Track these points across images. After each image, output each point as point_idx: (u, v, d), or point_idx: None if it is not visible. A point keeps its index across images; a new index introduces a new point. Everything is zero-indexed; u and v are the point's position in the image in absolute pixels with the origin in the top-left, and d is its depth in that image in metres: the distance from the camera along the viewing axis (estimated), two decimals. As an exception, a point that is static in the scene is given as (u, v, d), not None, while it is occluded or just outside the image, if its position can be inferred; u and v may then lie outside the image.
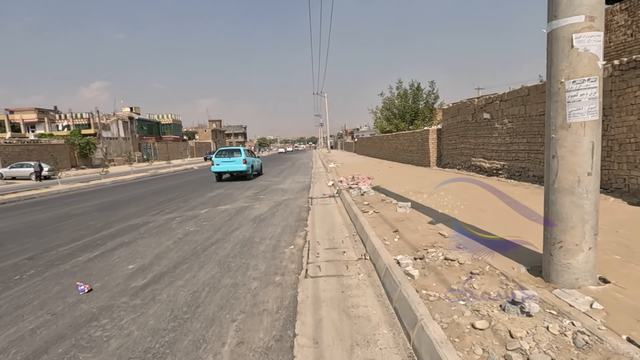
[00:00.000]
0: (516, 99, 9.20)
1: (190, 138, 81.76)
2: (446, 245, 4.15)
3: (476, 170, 11.42)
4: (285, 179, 15.88)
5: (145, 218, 7.92)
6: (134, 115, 55.10)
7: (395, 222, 5.43)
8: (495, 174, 10.21)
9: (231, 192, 11.68)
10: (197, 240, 5.79)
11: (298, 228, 6.32)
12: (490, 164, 10.54)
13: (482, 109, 10.94)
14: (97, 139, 44.61)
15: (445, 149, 14.26)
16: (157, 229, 6.79)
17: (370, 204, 7.18)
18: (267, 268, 4.30)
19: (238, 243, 5.49)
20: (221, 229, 6.48)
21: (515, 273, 3.20)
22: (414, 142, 17.37)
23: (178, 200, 10.36)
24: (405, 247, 4.20)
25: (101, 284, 4.02)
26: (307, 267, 4.27)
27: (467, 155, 12.12)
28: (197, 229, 6.57)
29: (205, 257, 4.85)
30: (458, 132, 12.84)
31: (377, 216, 6.01)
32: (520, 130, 9.11)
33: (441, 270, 3.40)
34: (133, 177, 20.27)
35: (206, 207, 8.93)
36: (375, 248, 4.20)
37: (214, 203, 9.58)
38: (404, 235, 4.68)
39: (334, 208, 8.09)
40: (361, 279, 3.77)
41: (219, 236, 5.98)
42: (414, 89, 26.08)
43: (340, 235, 5.61)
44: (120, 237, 6.25)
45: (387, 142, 23.63)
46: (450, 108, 13.57)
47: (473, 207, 6.18)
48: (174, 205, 9.48)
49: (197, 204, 9.52)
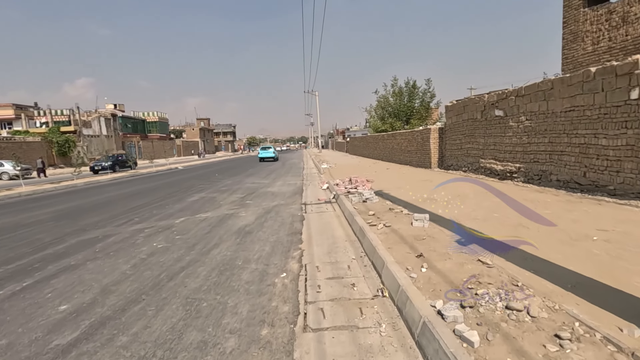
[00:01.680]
0: (536, 93, 8.20)
1: (178, 137, 79.52)
2: (496, 279, 3.03)
3: (486, 172, 10.42)
4: (275, 180, 14.68)
5: (107, 229, 6.63)
6: (117, 113, 52.95)
7: (415, 242, 4.31)
8: (510, 177, 9.21)
9: (215, 197, 10.43)
10: (164, 262, 4.57)
11: (291, 245, 5.15)
12: (502, 166, 9.54)
13: (493, 105, 9.94)
14: (77, 137, 42.46)
15: (449, 150, 13.25)
16: (118, 245, 5.53)
17: (376, 214, 6.06)
18: (250, 312, 3.12)
19: (215, 268, 4.29)
20: (197, 246, 5.26)
21: (627, 338, 2.10)
22: (412, 142, 16.35)
23: (153, 206, 9.06)
24: (440, 283, 3.08)
25: (7, 341, 2.78)
26: (305, 309, 3.11)
27: (475, 157, 11.12)
28: (167, 246, 5.34)
29: (169, 291, 3.64)
30: (464, 131, 11.84)
31: (389, 232, 4.88)
32: (540, 129, 8.12)
33: (508, 330, 2.29)
34: (110, 177, 18.74)
35: (183, 215, 7.68)
36: (400, 284, 3.06)
37: (193, 210, 8.33)
38: (433, 263, 3.55)
39: (332, 217, 6.95)
40: (384, 335, 2.63)
41: (192, 257, 4.77)
42: (410, 87, 25.13)
43: (344, 257, 4.46)
44: (68, 257, 4.98)
45: (383, 141, 22.60)
46: (454, 105, 12.57)
47: (508, 221, 5.11)
48: (146, 213, 8.19)
49: (173, 211, 8.26)
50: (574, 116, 7.08)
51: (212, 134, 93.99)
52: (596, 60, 11.69)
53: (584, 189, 6.84)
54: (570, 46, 12.79)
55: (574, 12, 12.47)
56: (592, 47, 12.02)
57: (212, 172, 20.90)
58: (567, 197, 6.46)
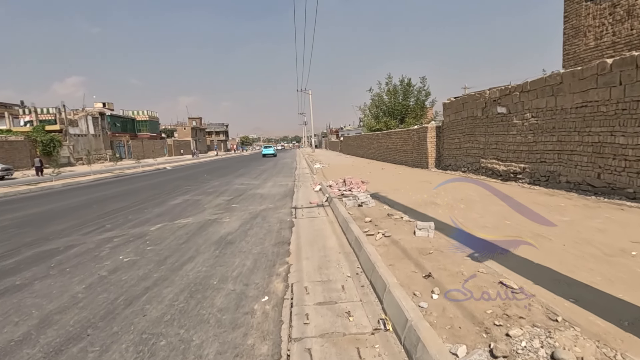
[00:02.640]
0: (543, 89, 7.65)
1: (169, 136, 78.13)
2: (529, 312, 2.41)
3: (487, 173, 9.87)
4: (266, 181, 13.98)
5: (72, 239, 5.90)
6: (105, 111, 51.64)
7: (421, 257, 3.68)
8: (513, 178, 8.66)
9: (199, 199, 9.71)
10: (126, 282, 3.88)
11: (277, 258, 4.50)
12: (505, 167, 8.99)
13: (495, 102, 9.38)
14: (64, 136, 41.17)
15: (447, 149, 12.69)
16: (79, 258, 4.81)
17: (373, 221, 5.43)
18: (219, 354, 2.46)
19: (185, 288, 3.62)
20: (169, 260, 4.58)
21: None
22: (408, 141, 15.78)
23: (130, 211, 8.32)
24: (458, 317, 2.45)
25: None
26: (289, 350, 2.46)
27: (475, 156, 10.57)
28: (135, 260, 4.64)
29: (123, 322, 2.96)
30: (463, 130, 11.28)
31: (390, 243, 4.25)
32: (548, 127, 7.57)
33: (563, 396, 1.66)
34: (92, 178, 17.83)
35: (161, 221, 6.97)
36: (407, 317, 2.43)
37: (173, 215, 7.62)
38: (446, 286, 2.92)
39: (324, 222, 6.31)
40: (392, 394, 1.99)
41: (161, 273, 4.08)
42: (405, 85, 24.60)
43: (337, 274, 3.82)
44: (14, 275, 4.25)
45: (377, 140, 22.02)
46: (453, 102, 12.01)
47: (523, 230, 4.51)
48: (120, 218, 7.45)
49: (151, 216, 7.54)
50: (586, 112, 6.54)
51: (204, 133, 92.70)
52: (599, 56, 11.21)
53: (598, 191, 6.30)
54: (572, 42, 12.31)
55: (576, 6, 11.98)
56: (594, 43, 11.54)
57: (201, 173, 20.11)
58: (583, 201, 5.90)
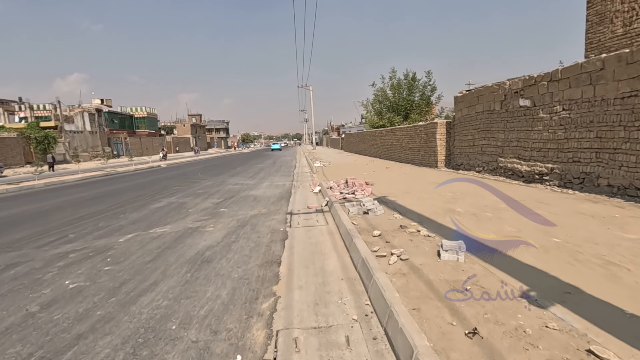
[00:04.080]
0: (578, 77, 6.60)
1: (169, 133, 77.07)
2: None
3: (506, 173, 8.84)
4: (262, 181, 12.98)
5: (20, 253, 4.92)
6: (102, 108, 50.64)
7: (456, 296, 2.67)
8: (539, 179, 7.62)
9: (185, 202, 8.72)
10: (56, 323, 2.89)
11: (262, 287, 3.50)
12: (529, 167, 7.95)
13: (516, 93, 8.33)
14: (59, 133, 40.24)
15: (458, 147, 11.64)
16: (13, 283, 3.83)
17: (384, 235, 4.42)
18: None
19: (129, 338, 2.62)
20: (124, 288, 3.59)
21: None
22: (415, 138, 14.74)
23: (104, 216, 7.34)
24: None
25: None
26: None
27: (492, 155, 9.52)
28: (82, 287, 3.65)
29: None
30: (478, 125, 10.23)
31: (408, 270, 3.24)
32: (583, 121, 6.53)
33: None
34: (80, 177, 16.85)
35: (134, 230, 5.99)
36: None
37: (150, 222, 6.63)
38: (504, 354, 1.91)
39: (323, 233, 5.31)
40: None
41: (106, 310, 3.09)
42: (409, 80, 23.50)
43: (340, 315, 2.82)
44: None
45: (381, 138, 20.96)
46: (466, 95, 10.95)
47: (581, 248, 3.50)
48: (89, 226, 6.47)
49: (125, 223, 6.55)
50: (635, 103, 5.50)
51: (204, 130, 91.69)
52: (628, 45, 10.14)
53: (651, 197, 5.28)
54: (596, 29, 11.20)
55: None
56: (622, 30, 10.45)
57: (195, 171, 19.13)
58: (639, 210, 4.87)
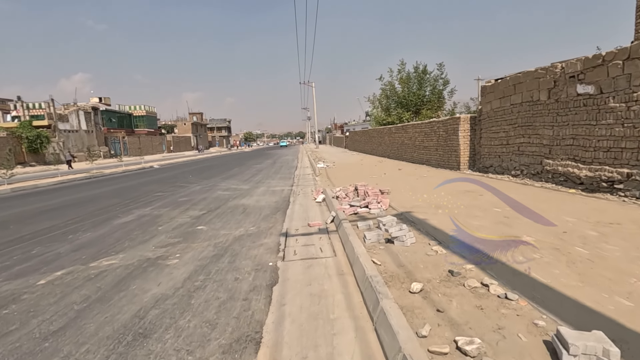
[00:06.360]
0: (675, 50, 4.88)
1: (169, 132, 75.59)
2: None
3: (555, 179, 7.11)
4: (258, 185, 11.32)
5: None
6: (99, 106, 49.20)
7: None
8: (607, 188, 5.90)
9: (160, 215, 7.09)
10: None
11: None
12: (591, 171, 6.22)
13: (573, 78, 6.60)
14: (52, 132, 38.81)
15: (486, 145, 9.91)
16: None
17: (427, 291, 2.75)
18: None
19: None
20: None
21: None
22: (431, 136, 13.00)
23: (48, 237, 5.73)
24: None
25: None
26: None
27: (534, 155, 7.79)
28: None
29: None
30: (514, 120, 8.49)
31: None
32: (683, 111, 4.81)
33: None
34: (55, 181, 15.27)
35: (71, 263, 4.36)
36: None
37: (101, 247, 5.00)
38: None
39: (330, 277, 3.64)
40: None
41: None
42: (420, 73, 21.70)
43: None
44: None
45: (389, 135, 19.22)
46: (497, 84, 9.19)
47: None
48: (17, 253, 4.86)
49: (66, 250, 4.93)
50: None
51: (206, 128, 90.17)
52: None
53: None
54: (649, 8, 9.49)
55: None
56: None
57: (187, 173, 17.53)
58: None
